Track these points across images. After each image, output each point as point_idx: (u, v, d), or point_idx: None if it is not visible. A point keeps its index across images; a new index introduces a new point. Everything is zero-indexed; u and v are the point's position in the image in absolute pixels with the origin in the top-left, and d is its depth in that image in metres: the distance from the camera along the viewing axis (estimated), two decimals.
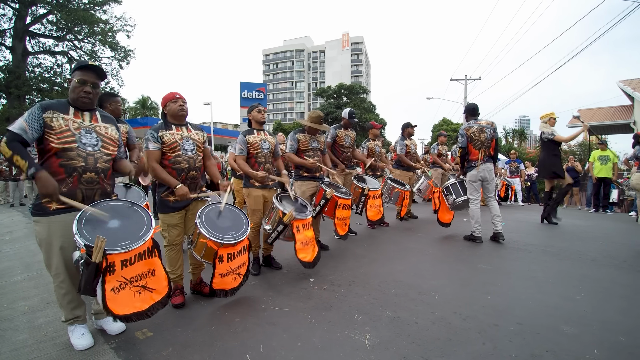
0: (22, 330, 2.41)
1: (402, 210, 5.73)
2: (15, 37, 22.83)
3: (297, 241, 3.07)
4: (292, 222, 3.06)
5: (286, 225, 3.05)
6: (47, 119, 1.95)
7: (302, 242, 3.10)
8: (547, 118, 5.67)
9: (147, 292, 1.97)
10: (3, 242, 5.45)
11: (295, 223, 3.08)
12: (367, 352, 1.91)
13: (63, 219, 1.94)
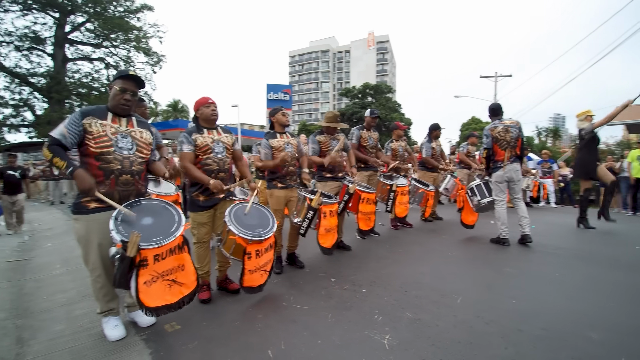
0: (60, 321, 2.59)
1: (427, 212, 5.67)
2: (56, 45, 24.25)
3: (321, 226, 3.17)
4: (320, 208, 3.14)
5: (315, 211, 3.12)
6: (86, 124, 2.11)
7: (325, 228, 3.23)
8: (583, 116, 5.46)
9: (177, 286, 2.09)
10: (44, 239, 5.84)
11: (323, 208, 3.16)
12: (386, 352, 1.93)
13: (101, 218, 2.08)
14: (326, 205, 3.21)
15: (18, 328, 2.52)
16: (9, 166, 6.46)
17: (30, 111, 24.73)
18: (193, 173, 2.67)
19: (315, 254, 3.79)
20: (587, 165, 5.47)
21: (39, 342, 2.27)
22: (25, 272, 3.93)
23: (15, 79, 23.96)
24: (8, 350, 2.21)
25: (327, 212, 3.23)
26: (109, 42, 25.89)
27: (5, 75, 23.70)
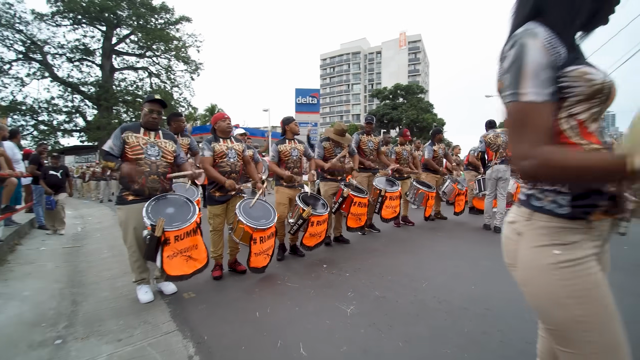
0: (105, 289, 3.33)
1: (427, 211, 6.05)
2: (104, 56, 26.41)
3: (308, 231, 3.70)
4: (310, 218, 3.68)
5: (305, 220, 3.68)
6: (125, 137, 2.81)
7: (311, 233, 3.74)
8: None
9: (192, 261, 2.74)
10: (94, 230, 6.82)
11: (312, 218, 3.70)
12: (346, 317, 2.46)
13: (136, 207, 2.78)
14: (315, 216, 3.74)
15: (73, 294, 3.28)
16: (52, 166, 6.44)
17: (81, 117, 26.99)
18: (212, 174, 3.32)
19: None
20: None
21: (88, 304, 3.00)
22: (79, 255, 4.79)
23: (68, 87, 26.27)
24: (66, 308, 2.94)
25: (315, 221, 3.76)
26: (151, 52, 27.81)
27: (59, 84, 26.06)
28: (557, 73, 0.79)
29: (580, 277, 0.80)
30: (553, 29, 0.80)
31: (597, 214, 0.80)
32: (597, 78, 0.79)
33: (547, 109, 0.78)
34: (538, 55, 0.77)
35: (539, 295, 0.85)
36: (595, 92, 0.79)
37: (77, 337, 2.39)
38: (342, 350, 2.04)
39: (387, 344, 2.10)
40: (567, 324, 0.82)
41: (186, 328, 2.39)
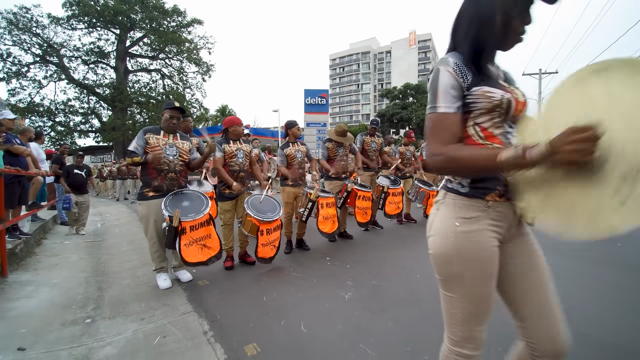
0: (127, 278, 3.65)
1: (427, 209, 6.27)
2: (118, 58, 27.12)
3: (320, 215, 3.99)
4: (318, 200, 3.96)
5: (314, 203, 3.96)
6: (148, 138, 3.12)
7: (324, 216, 4.06)
8: None
9: (206, 249, 3.04)
10: (113, 226, 7.21)
11: (320, 200, 3.99)
12: (344, 302, 2.73)
13: (156, 202, 3.09)
14: (323, 198, 4.03)
15: (98, 282, 3.61)
16: (76, 165, 6.37)
17: (97, 118, 27.77)
18: (223, 174, 3.62)
19: (321, 241, 4.61)
20: None
21: (113, 290, 3.32)
22: (101, 248, 5.14)
23: (84, 89, 27.04)
24: (92, 293, 3.27)
25: (324, 203, 4.06)
26: (164, 54, 28.44)
27: (75, 86, 26.85)
28: (465, 92, 1.04)
29: (469, 244, 1.04)
30: (466, 59, 1.05)
31: (492, 195, 1.04)
32: (496, 96, 1.02)
33: (454, 118, 1.02)
34: (447, 78, 1.02)
35: (439, 253, 1.09)
36: (494, 106, 1.03)
37: (104, 317, 2.70)
38: (337, 329, 2.30)
39: (378, 324, 2.35)
40: (451, 276, 1.08)
41: (201, 309, 2.68)
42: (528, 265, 1.12)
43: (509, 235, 1.10)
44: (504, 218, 1.07)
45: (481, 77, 1.05)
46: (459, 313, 1.09)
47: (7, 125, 4.53)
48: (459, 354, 1.11)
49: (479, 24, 1.05)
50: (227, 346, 2.13)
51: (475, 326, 1.09)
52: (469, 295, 1.06)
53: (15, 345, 2.24)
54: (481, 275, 1.05)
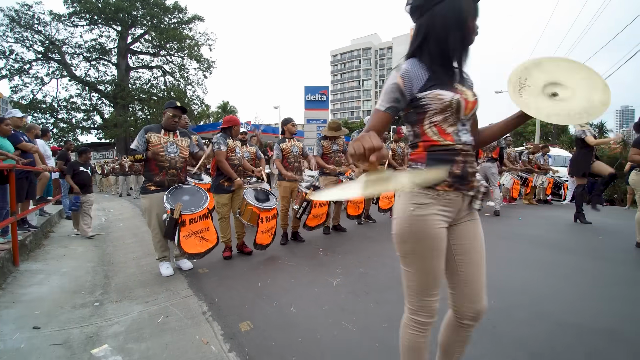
0: (131, 267, 3.89)
1: None
2: (119, 55, 27.25)
3: (311, 213, 4.20)
4: (313, 200, 4.18)
5: (309, 202, 4.18)
6: (148, 137, 3.33)
7: (314, 215, 4.25)
8: None
9: (204, 241, 3.26)
10: (117, 221, 7.45)
11: (315, 201, 4.21)
12: (332, 287, 2.95)
13: (158, 196, 3.31)
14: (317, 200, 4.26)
15: (104, 270, 3.85)
16: (82, 162, 5.97)
17: (99, 115, 27.95)
18: (226, 168, 3.83)
19: (315, 234, 4.84)
20: (580, 163, 5.94)
21: (118, 277, 3.56)
22: (106, 241, 5.38)
23: (86, 86, 27.20)
24: (99, 280, 3.51)
25: (317, 204, 4.27)
26: (165, 51, 28.54)
27: (77, 83, 27.02)
28: (419, 95, 1.21)
29: (421, 226, 1.22)
30: (422, 65, 1.23)
31: (442, 185, 1.22)
32: (446, 97, 1.20)
33: (384, 117, 1.19)
34: (393, 82, 1.20)
35: (398, 232, 1.27)
36: (445, 107, 1.20)
37: (112, 301, 2.94)
38: (323, 309, 2.53)
39: (361, 305, 2.58)
40: (406, 252, 1.26)
41: (201, 293, 2.91)
42: (468, 247, 1.31)
43: (458, 218, 1.30)
44: (453, 204, 1.26)
45: (435, 81, 1.22)
46: (414, 285, 1.27)
47: (15, 123, 4.75)
48: (416, 321, 1.28)
49: (435, 37, 1.22)
50: (224, 323, 2.36)
51: (428, 297, 1.27)
52: (421, 269, 1.25)
53: (30, 325, 2.47)
54: (431, 251, 1.24)
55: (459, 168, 1.23)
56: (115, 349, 2.13)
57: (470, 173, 1.26)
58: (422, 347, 1.30)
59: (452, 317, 1.34)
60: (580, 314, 2.38)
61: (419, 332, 1.28)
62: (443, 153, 1.25)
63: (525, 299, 2.65)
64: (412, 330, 1.29)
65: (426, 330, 1.29)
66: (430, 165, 1.25)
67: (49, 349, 2.15)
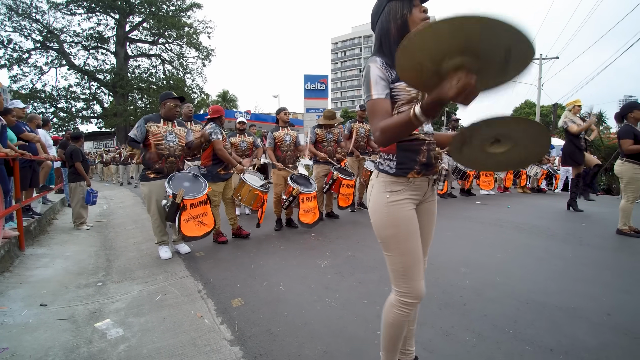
0: (133, 251, 4.08)
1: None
2: (118, 43, 27.14)
3: (301, 208, 4.36)
4: (300, 195, 4.34)
5: (295, 197, 4.34)
6: (148, 126, 3.49)
7: (304, 209, 4.39)
8: (571, 106, 6.03)
9: (202, 225, 3.46)
10: (118, 208, 7.65)
11: (301, 196, 4.36)
12: (319, 268, 3.15)
13: (157, 183, 3.49)
14: (304, 194, 4.40)
15: (106, 254, 4.04)
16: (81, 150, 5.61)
17: (98, 104, 27.98)
18: (224, 155, 3.99)
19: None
20: (570, 154, 6.07)
21: (120, 260, 3.76)
22: (108, 227, 5.58)
23: (85, 75, 27.17)
24: (102, 263, 3.70)
25: (305, 198, 4.42)
26: (163, 39, 28.41)
27: (76, 72, 26.99)
28: (390, 86, 1.32)
29: (397, 211, 1.36)
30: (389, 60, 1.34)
31: (412, 173, 1.36)
32: (413, 90, 1.31)
33: (386, 102, 1.30)
34: (377, 72, 1.31)
35: (376, 221, 1.41)
36: (412, 98, 1.32)
37: (113, 281, 3.14)
38: (310, 287, 2.72)
39: (345, 284, 2.77)
40: (387, 238, 1.39)
41: (197, 274, 3.10)
42: (424, 223, 1.47)
43: (423, 200, 1.45)
44: (420, 189, 1.41)
45: None
46: (399, 268, 1.38)
47: (18, 114, 4.90)
48: (403, 302, 1.35)
49: (386, 34, 1.36)
50: (217, 300, 2.55)
51: (413, 278, 1.36)
52: (402, 251, 1.36)
53: (37, 302, 2.67)
54: (407, 233, 1.36)
55: (424, 156, 1.37)
56: (117, 322, 2.32)
57: (434, 159, 1.40)
58: (404, 324, 1.41)
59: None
60: (548, 293, 2.57)
61: (404, 312, 1.37)
62: (411, 143, 1.37)
63: (499, 279, 2.84)
64: (398, 310, 1.38)
65: (412, 311, 1.38)
66: (400, 157, 1.37)
67: (56, 323, 2.35)
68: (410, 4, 1.32)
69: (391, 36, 1.35)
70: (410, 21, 1.32)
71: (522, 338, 1.97)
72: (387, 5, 1.35)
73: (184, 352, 1.92)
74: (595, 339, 1.96)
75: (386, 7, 1.35)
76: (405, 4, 1.32)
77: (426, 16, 1.33)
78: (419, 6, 1.33)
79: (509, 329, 2.08)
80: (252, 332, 2.10)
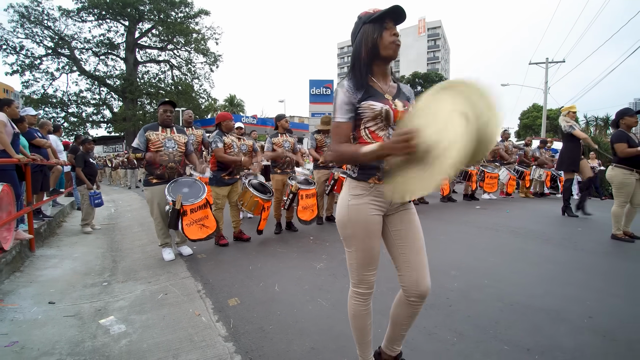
0: (138, 253, 4.24)
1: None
2: (127, 50, 27.68)
3: (299, 205, 4.50)
4: (299, 192, 4.48)
5: (295, 194, 4.48)
6: (148, 135, 3.65)
7: (303, 206, 4.54)
8: (566, 111, 6.07)
9: (204, 228, 3.61)
10: (126, 211, 7.86)
11: (300, 192, 4.50)
12: (314, 270, 3.26)
13: (159, 188, 3.64)
14: (303, 190, 4.53)
15: (112, 256, 4.21)
16: (87, 153, 5.68)
17: (108, 109, 28.50)
18: (227, 159, 4.15)
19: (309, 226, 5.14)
20: (567, 159, 6.11)
21: (125, 262, 3.91)
22: (115, 230, 5.76)
23: (95, 81, 27.72)
24: (108, 264, 3.86)
25: (304, 195, 4.56)
26: (172, 45, 28.90)
27: (87, 78, 27.56)
28: (356, 105, 1.44)
29: (356, 213, 1.47)
30: (357, 82, 1.45)
31: (373, 179, 1.46)
32: (377, 107, 1.43)
33: (346, 125, 1.44)
34: (342, 97, 1.43)
35: (338, 220, 1.54)
36: (376, 115, 1.43)
37: (118, 281, 3.29)
38: (304, 288, 2.84)
39: (337, 285, 2.89)
40: (346, 236, 1.52)
41: (197, 275, 3.24)
42: (405, 232, 1.55)
43: (392, 208, 1.53)
44: (384, 195, 1.48)
45: (369, 94, 1.46)
46: (354, 263, 1.53)
47: (30, 121, 5.11)
48: (357, 292, 1.53)
49: (358, 56, 1.48)
50: (215, 299, 2.68)
51: (366, 272, 1.52)
52: (359, 249, 1.50)
53: (46, 300, 2.82)
54: (366, 233, 1.48)
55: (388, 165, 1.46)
56: (120, 319, 2.46)
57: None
58: (364, 315, 1.55)
59: (402, 295, 1.56)
60: (533, 296, 2.65)
61: (360, 302, 1.53)
62: None
63: (486, 282, 2.93)
64: (355, 301, 1.54)
65: (366, 300, 1.53)
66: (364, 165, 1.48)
67: (63, 319, 2.49)
68: (381, 27, 1.42)
69: (361, 59, 1.46)
70: (380, 44, 1.42)
71: (502, 338, 2.06)
72: (362, 28, 1.45)
73: (180, 347, 2.05)
74: (572, 340, 2.05)
75: (361, 29, 1.46)
76: (377, 27, 1.42)
77: (395, 39, 1.43)
78: (391, 29, 1.43)
79: (490, 329, 2.17)
80: (246, 329, 2.22)
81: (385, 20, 1.42)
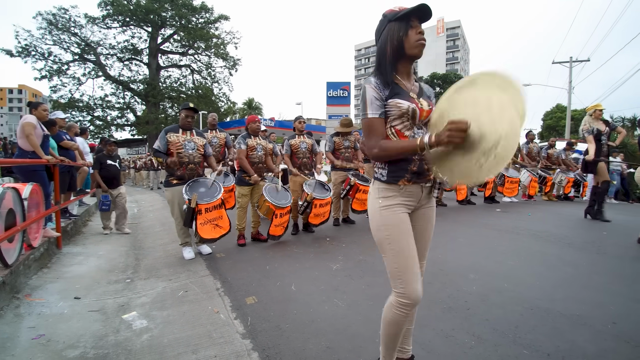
0: (159, 251, 4.36)
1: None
2: (150, 55, 28.47)
3: (312, 212, 4.52)
4: (314, 201, 4.50)
5: (309, 203, 4.50)
6: (169, 137, 3.76)
7: (315, 214, 4.55)
8: (592, 110, 5.70)
9: (218, 228, 3.68)
10: (148, 211, 8.09)
11: (315, 201, 4.52)
12: (330, 271, 3.28)
13: (178, 189, 3.75)
14: (318, 200, 4.55)
15: (135, 254, 4.34)
16: (108, 155, 5.61)
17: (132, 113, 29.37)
18: (245, 165, 4.25)
19: (325, 225, 5.16)
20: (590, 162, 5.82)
21: (147, 259, 4.04)
22: (138, 229, 5.94)
23: (120, 85, 28.62)
24: (131, 262, 3.99)
25: (318, 204, 4.57)
26: (193, 50, 29.58)
27: (112, 82, 28.48)
28: (384, 103, 1.43)
29: (389, 215, 1.46)
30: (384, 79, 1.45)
31: (402, 180, 1.46)
32: (403, 105, 1.42)
33: (380, 121, 1.43)
34: (372, 92, 1.43)
35: (373, 225, 1.52)
36: (402, 113, 1.43)
37: (141, 278, 3.40)
38: (320, 288, 2.86)
39: (353, 286, 2.89)
40: (381, 239, 1.49)
41: (216, 274, 3.31)
42: (421, 228, 1.56)
43: (418, 206, 1.54)
44: (413, 195, 1.50)
45: (395, 92, 1.46)
46: (393, 269, 1.45)
47: (59, 123, 5.34)
48: (401, 303, 1.40)
49: (383, 54, 1.47)
50: (233, 297, 2.73)
51: (410, 279, 1.39)
52: (396, 251, 1.44)
53: (72, 296, 2.94)
54: (399, 233, 1.45)
55: (416, 165, 1.46)
56: (142, 315, 2.55)
57: (426, 168, 1.48)
58: (402, 323, 1.45)
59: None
60: (553, 300, 2.59)
61: (402, 313, 1.42)
62: None
63: (506, 286, 2.87)
64: (397, 310, 1.42)
65: (409, 311, 1.42)
66: (392, 165, 1.48)
67: (88, 314, 2.60)
68: (407, 25, 1.41)
69: (387, 57, 1.46)
70: (405, 43, 1.42)
71: (521, 342, 2.03)
72: (387, 26, 1.45)
73: (199, 343, 2.11)
74: (595, 345, 1.99)
75: (386, 27, 1.45)
76: (402, 26, 1.41)
77: (421, 37, 1.42)
78: (416, 27, 1.42)
79: (509, 333, 2.13)
80: (263, 327, 2.26)
81: (411, 19, 1.42)
